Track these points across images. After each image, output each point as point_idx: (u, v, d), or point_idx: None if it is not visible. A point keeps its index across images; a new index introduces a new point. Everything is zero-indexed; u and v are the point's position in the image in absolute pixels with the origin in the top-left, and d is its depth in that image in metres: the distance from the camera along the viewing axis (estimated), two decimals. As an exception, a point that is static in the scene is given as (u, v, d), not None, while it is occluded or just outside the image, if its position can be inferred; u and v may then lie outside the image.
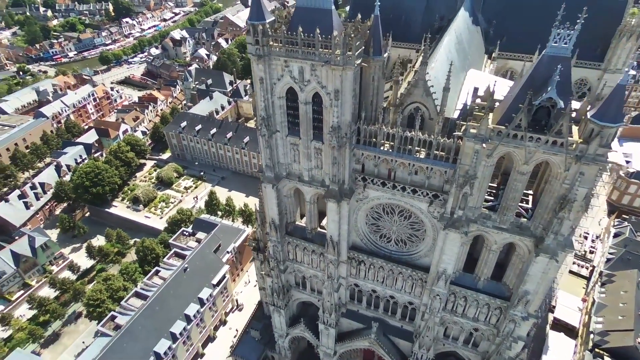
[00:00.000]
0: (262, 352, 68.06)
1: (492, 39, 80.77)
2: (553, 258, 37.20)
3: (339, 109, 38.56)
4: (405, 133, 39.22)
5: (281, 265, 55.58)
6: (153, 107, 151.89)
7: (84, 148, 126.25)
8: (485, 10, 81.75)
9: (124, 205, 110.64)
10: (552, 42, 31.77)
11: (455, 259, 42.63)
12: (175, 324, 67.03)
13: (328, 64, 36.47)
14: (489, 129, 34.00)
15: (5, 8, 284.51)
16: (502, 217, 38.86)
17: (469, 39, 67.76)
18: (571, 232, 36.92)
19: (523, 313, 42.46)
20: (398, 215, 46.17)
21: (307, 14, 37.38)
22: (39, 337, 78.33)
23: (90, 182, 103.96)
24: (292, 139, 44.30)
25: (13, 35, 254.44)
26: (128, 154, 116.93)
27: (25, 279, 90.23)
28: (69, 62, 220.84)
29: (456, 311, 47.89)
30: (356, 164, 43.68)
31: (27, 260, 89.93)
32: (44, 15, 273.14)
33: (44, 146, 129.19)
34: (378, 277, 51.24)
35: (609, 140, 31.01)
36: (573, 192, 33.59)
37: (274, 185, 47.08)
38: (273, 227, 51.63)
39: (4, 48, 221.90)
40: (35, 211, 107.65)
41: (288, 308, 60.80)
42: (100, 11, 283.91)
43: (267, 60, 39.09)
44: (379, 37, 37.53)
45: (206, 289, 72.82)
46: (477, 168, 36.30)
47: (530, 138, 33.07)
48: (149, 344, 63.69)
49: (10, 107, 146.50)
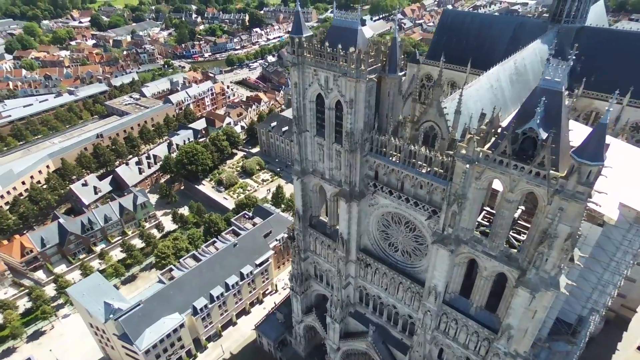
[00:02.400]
0: (281, 334, 74.16)
1: (578, 76, 75.77)
2: (532, 294, 36.46)
3: (352, 116, 43.41)
4: (410, 147, 42.20)
5: (302, 254, 61.32)
6: (256, 107, 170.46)
7: (193, 132, 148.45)
8: (578, 43, 76.96)
9: (210, 185, 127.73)
10: (545, 76, 32.50)
11: (445, 276, 43.50)
12: (215, 288, 77.16)
13: (345, 76, 41.72)
14: (476, 152, 35.52)
15: (168, 13, 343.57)
16: (492, 243, 39.15)
17: (536, 71, 65.53)
18: (558, 272, 35.88)
19: (506, 348, 41.43)
20: (404, 226, 48.55)
21: (339, 32, 43.21)
22: (121, 275, 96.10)
23: (188, 160, 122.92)
24: (319, 139, 50.17)
25: (169, 35, 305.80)
26: (223, 142, 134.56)
27: (124, 228, 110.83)
28: (204, 61, 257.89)
29: (448, 333, 47.97)
30: (369, 170, 47.58)
31: (129, 213, 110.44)
32: (194, 21, 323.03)
33: (165, 126, 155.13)
34: (382, 284, 53.66)
35: (590, 178, 30.48)
36: (553, 227, 33.18)
37: (299, 177, 53.43)
38: (297, 216, 57.89)
39: (159, 45, 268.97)
40: (145, 177, 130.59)
41: (305, 296, 66.03)
42: (238, 20, 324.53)
43: (301, 68, 45.84)
44: (395, 57, 41.44)
45: (248, 266, 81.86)
46: (466, 188, 37.68)
47: (514, 166, 33.81)
48: (190, 298, 74.76)
49: (149, 92, 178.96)
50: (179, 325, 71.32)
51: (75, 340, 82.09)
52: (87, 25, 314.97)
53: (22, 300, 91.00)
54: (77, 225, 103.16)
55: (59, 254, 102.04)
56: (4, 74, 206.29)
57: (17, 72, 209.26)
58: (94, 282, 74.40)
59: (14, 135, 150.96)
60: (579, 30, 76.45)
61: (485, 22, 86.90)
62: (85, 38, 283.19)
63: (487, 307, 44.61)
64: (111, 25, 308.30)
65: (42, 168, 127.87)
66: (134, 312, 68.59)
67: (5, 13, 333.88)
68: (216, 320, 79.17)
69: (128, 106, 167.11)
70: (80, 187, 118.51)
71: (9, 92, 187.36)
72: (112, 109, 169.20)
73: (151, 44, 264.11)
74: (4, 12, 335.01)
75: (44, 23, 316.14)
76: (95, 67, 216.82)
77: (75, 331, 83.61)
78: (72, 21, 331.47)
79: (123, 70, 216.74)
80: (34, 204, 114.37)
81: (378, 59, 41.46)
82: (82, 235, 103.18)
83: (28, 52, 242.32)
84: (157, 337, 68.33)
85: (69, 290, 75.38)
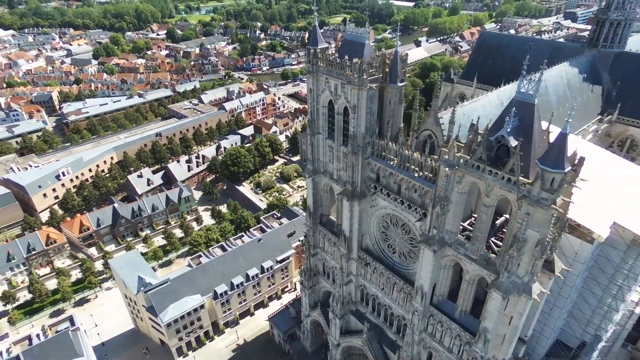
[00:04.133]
0: (291, 327, 78.23)
1: (614, 101, 74.04)
2: (504, 296, 37.88)
3: (355, 121, 47.73)
4: (404, 151, 45.54)
5: (312, 250, 65.60)
6: (302, 118, 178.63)
7: (241, 138, 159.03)
8: (614, 69, 75.51)
9: (249, 187, 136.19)
10: (520, 89, 34.93)
11: (430, 276, 45.62)
12: (236, 277, 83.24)
13: (350, 84, 46.30)
14: (457, 157, 38.25)
15: (235, 29, 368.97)
16: (473, 247, 41.10)
17: (560, 93, 65.66)
18: (530, 278, 37.14)
19: (482, 351, 42.54)
20: (401, 227, 51.39)
21: (350, 45, 48.19)
22: (159, 259, 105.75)
23: (232, 161, 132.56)
24: (329, 141, 54.86)
25: (233, 49, 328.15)
26: (266, 148, 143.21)
27: (168, 217, 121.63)
28: (261, 74, 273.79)
29: (435, 336, 49.52)
30: (371, 173, 51.29)
31: (173, 204, 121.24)
32: (258, 37, 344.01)
33: (216, 130, 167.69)
34: (380, 283, 56.37)
35: (554, 185, 32.23)
36: (521, 232, 34.93)
37: (310, 176, 58.22)
38: (308, 213, 62.51)
39: (223, 57, 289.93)
40: (192, 174, 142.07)
41: (314, 292, 69.85)
42: (298, 38, 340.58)
43: (315, 76, 51.17)
44: (396, 69, 45.36)
45: (269, 261, 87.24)
46: (449, 192, 40.28)
47: (489, 172, 36.18)
48: (213, 283, 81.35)
49: (207, 98, 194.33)
50: (200, 305, 78.01)
51: (112, 311, 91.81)
52: (163, 37, 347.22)
53: (75, 271, 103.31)
54: (128, 211, 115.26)
55: (111, 234, 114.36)
56: (88, 76, 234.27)
57: (99, 75, 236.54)
58: (132, 257, 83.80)
59: (89, 129, 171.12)
60: (617, 55, 75.23)
61: (522, 44, 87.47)
62: (160, 48, 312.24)
63: (473, 313, 45.91)
64: (184, 38, 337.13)
65: (107, 159, 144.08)
66: (162, 288, 76.33)
67: (97, 24, 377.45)
68: (235, 307, 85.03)
69: (187, 110, 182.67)
70: (136, 178, 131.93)
71: (90, 92, 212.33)
72: (172, 112, 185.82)
73: (216, 56, 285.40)
74: (96, 24, 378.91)
75: (127, 34, 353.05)
76: (165, 74, 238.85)
77: (113, 303, 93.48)
78: (151, 33, 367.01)
79: (188, 78, 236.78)
80: (96, 189, 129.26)
81: (380, 70, 45.62)
82: (131, 220, 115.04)
83: (110, 58, 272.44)
84: (179, 312, 75.38)
85: (111, 262, 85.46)
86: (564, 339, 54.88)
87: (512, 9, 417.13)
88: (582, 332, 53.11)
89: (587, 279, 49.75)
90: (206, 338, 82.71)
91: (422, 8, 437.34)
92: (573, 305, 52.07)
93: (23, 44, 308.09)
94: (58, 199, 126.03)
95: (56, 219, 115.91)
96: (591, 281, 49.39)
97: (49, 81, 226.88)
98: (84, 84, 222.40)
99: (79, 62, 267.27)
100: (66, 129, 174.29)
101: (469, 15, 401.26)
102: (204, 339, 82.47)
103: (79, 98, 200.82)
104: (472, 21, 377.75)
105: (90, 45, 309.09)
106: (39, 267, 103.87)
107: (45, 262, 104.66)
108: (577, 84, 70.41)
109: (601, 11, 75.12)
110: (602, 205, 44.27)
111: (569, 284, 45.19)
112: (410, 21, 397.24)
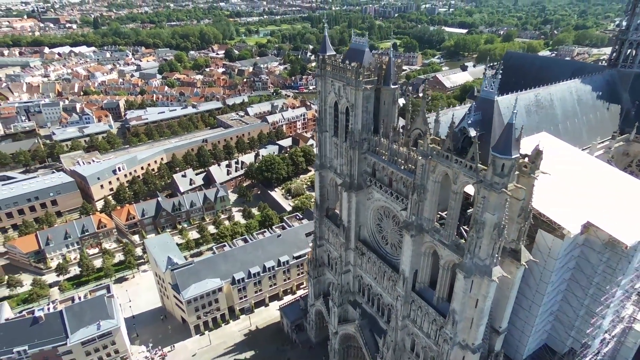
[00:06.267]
0: (299, 318, 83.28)
1: (632, 120, 73.81)
2: (467, 277, 41.23)
3: (353, 118, 53.73)
4: (392, 146, 50.66)
5: (318, 241, 71.09)
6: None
7: (279, 148, 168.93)
8: (634, 89, 75.49)
9: (280, 193, 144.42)
10: (483, 88, 39.36)
11: (410, 261, 49.44)
12: (254, 267, 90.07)
13: (349, 85, 52.61)
14: (430, 148, 42.91)
15: (287, 50, 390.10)
16: (445, 232, 44.92)
17: (568, 107, 67.37)
18: (491, 261, 40.35)
19: (452, 333, 45.43)
20: (392, 219, 55.85)
21: (353, 52, 54.72)
22: (190, 249, 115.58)
23: (266, 167, 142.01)
24: (335, 139, 61.04)
25: (284, 69, 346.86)
26: (299, 158, 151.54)
27: (204, 214, 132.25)
28: (307, 92, 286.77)
29: (416, 322, 52.72)
30: (368, 167, 56.63)
31: (209, 203, 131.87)
32: (308, 58, 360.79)
33: (257, 140, 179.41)
34: (373, 272, 60.55)
35: (505, 171, 36.05)
36: (479, 214, 38.68)
37: (317, 170, 64.46)
38: (316, 205, 68.40)
39: (273, 76, 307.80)
40: (231, 178, 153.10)
41: (319, 282, 74.80)
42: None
43: (323, 79, 58.06)
44: (390, 73, 51.05)
45: (286, 256, 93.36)
46: (425, 180, 44.73)
47: (455, 160, 40.52)
48: (232, 269, 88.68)
49: (252, 111, 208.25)
50: (218, 288, 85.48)
51: (145, 290, 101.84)
52: (221, 57, 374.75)
53: (119, 253, 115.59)
54: (169, 205, 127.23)
55: (152, 225, 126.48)
56: (152, 88, 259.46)
57: (162, 88, 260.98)
58: (164, 240, 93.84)
59: (146, 133, 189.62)
60: (638, 76, 75.18)
61: (545, 64, 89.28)
62: (217, 66, 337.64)
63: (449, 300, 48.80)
64: (240, 57, 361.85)
65: (157, 159, 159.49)
66: (186, 268, 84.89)
67: (165, 44, 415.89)
68: (251, 295, 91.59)
69: (233, 121, 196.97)
70: (180, 178, 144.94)
71: (151, 102, 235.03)
72: (220, 122, 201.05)
73: (267, 74, 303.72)
74: (165, 43, 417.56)
75: (190, 53, 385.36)
76: (219, 89, 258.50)
77: (147, 283, 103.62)
78: (211, 52, 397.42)
79: (239, 93, 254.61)
80: (145, 185, 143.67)
81: (375, 73, 51.54)
82: (171, 213, 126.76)
83: (173, 73, 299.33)
84: (199, 292, 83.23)
85: (146, 241, 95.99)
86: (551, 343, 55.51)
87: (571, 37, 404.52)
88: (571, 339, 53.67)
89: (571, 282, 51.03)
90: (222, 321, 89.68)
91: (475, 35, 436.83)
92: (558, 309, 53.19)
93: (101, 59, 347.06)
94: (112, 190, 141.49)
95: (109, 208, 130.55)
96: (573, 283, 50.62)
97: (119, 91, 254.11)
98: (147, 94, 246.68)
99: (145, 75, 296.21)
100: (127, 132, 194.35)
101: (523, 42, 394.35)
102: (220, 322, 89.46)
103: (141, 106, 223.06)
104: (524, 48, 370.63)
105: (157, 62, 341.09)
106: (90, 247, 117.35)
107: (95, 243, 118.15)
108: (590, 101, 71.42)
109: (621, 32, 76.01)
110: (581, 206, 46.35)
111: (545, 280, 47.02)
112: (460, 47, 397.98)
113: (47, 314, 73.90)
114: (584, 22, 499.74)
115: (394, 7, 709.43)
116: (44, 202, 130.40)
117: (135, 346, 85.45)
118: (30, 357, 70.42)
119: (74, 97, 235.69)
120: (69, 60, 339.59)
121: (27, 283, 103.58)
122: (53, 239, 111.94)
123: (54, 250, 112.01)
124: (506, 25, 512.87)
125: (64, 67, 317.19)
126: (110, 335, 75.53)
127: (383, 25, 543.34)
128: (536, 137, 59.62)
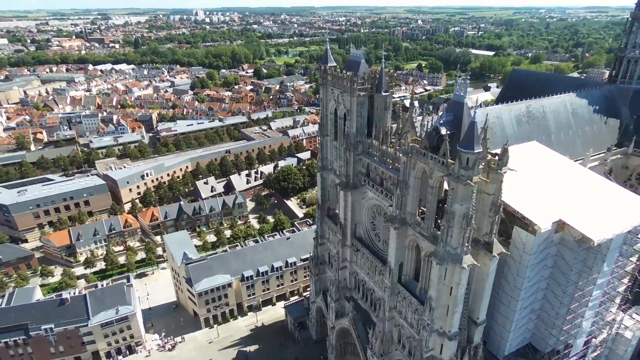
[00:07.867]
0: (301, 315, 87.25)
1: (631, 134, 75.39)
2: (439, 264, 44.84)
3: (348, 122, 59.01)
4: (382, 146, 55.44)
5: (319, 240, 75.64)
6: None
7: (297, 160, 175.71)
8: (633, 104, 77.27)
9: (295, 202, 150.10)
10: (455, 92, 43.94)
11: (395, 254, 53.23)
12: (263, 266, 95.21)
13: (345, 92, 58.18)
14: (410, 146, 47.47)
15: (314, 70, 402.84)
16: (425, 225, 48.84)
17: (561, 119, 70.13)
18: (462, 250, 43.95)
19: (429, 319, 48.68)
20: (383, 216, 60.02)
21: (351, 63, 60.45)
22: (207, 250, 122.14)
23: (283, 177, 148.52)
24: (335, 143, 66.34)
25: (310, 87, 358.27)
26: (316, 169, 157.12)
27: (222, 219, 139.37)
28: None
29: (401, 313, 56.02)
30: (362, 168, 61.40)
31: (228, 208, 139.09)
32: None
33: (278, 152, 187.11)
34: (366, 267, 64.39)
35: (469, 164, 40.16)
36: (450, 205, 42.66)
37: (319, 171, 69.71)
38: (318, 206, 73.34)
39: (298, 94, 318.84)
40: (250, 187, 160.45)
41: (319, 280, 78.85)
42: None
43: (325, 87, 63.94)
44: (382, 81, 56.23)
45: (294, 257, 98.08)
46: (407, 177, 49.07)
47: (431, 157, 44.90)
48: (242, 267, 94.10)
49: (275, 125, 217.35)
50: (228, 283, 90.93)
51: (162, 285, 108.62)
52: (250, 75, 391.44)
53: (141, 251, 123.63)
54: (190, 209, 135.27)
55: (174, 226, 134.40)
56: (183, 103, 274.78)
57: (192, 103, 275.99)
58: (181, 237, 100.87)
59: (175, 144, 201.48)
60: (637, 91, 77.20)
61: (549, 81, 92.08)
62: (246, 84, 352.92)
63: (432, 291, 52.13)
64: (267, 76, 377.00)
65: (182, 167, 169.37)
66: (199, 263, 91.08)
67: (199, 62, 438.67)
68: (259, 293, 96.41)
69: (256, 134, 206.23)
70: (203, 185, 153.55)
71: (182, 115, 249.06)
72: (244, 135, 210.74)
73: (292, 92, 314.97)
74: (198, 62, 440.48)
75: (221, 71, 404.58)
76: (245, 105, 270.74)
77: (164, 280, 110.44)
78: (241, 71, 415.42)
79: (264, 109, 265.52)
80: (170, 190, 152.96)
81: (368, 81, 56.90)
82: (191, 216, 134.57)
83: (203, 90, 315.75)
84: (209, 285, 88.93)
85: (165, 237, 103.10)
86: (535, 342, 57.28)
87: (603, 60, 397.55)
88: (553, 338, 55.36)
89: (550, 280, 53.31)
90: (230, 316, 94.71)
91: (502, 57, 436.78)
92: (540, 307, 55.28)
93: (139, 75, 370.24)
94: (140, 194, 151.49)
95: (135, 209, 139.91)
96: (553, 282, 52.91)
97: (152, 105, 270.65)
98: (178, 108, 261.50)
99: (178, 91, 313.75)
100: (158, 142, 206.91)
101: (551, 64, 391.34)
102: (229, 316, 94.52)
103: (172, 119, 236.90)
104: (552, 70, 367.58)
105: (189, 79, 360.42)
106: (115, 244, 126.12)
107: (120, 241, 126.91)
108: (586, 114, 73.74)
109: (620, 50, 78.43)
110: (555, 206, 49.29)
111: (521, 275, 49.73)
112: (486, 69, 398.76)
113: (73, 296, 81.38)
114: (618, 45, 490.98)
115: (422, 30, 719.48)
116: (77, 202, 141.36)
117: (149, 334, 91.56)
118: (55, 335, 77.62)
119: (111, 110, 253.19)
120: (110, 76, 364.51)
121: (58, 274, 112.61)
122: (83, 235, 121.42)
123: (84, 245, 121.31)
124: (535, 48, 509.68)
125: (105, 82, 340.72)
126: (127, 320, 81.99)
127: (409, 46, 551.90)
128: (526, 145, 63.23)
